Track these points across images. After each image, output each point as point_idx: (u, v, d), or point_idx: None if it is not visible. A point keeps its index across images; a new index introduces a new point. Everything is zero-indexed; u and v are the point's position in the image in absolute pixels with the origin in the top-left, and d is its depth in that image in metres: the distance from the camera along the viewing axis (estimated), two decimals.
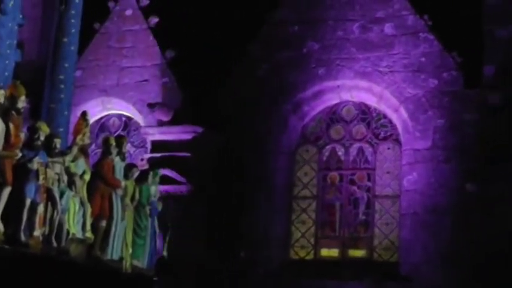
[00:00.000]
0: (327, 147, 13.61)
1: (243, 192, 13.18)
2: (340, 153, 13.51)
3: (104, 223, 9.60)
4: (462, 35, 12.26)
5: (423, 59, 12.69)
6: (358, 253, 13.07)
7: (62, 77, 10.19)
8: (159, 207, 10.90)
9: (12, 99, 8.39)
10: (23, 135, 8.48)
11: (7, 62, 9.46)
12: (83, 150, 9.57)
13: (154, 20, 14.34)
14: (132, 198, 10.20)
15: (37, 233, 8.51)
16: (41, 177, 8.51)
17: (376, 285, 12.33)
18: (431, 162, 12.37)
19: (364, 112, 13.46)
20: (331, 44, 13.32)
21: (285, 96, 13.46)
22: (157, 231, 10.86)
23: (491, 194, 11.46)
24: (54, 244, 8.78)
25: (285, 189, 13.51)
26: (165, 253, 12.47)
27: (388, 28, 13.01)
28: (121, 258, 9.84)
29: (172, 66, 13.99)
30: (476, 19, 12.17)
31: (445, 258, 11.85)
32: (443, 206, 12.11)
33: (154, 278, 10.67)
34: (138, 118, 14.18)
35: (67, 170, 9.14)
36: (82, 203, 9.30)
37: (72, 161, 9.27)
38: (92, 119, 13.17)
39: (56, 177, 8.85)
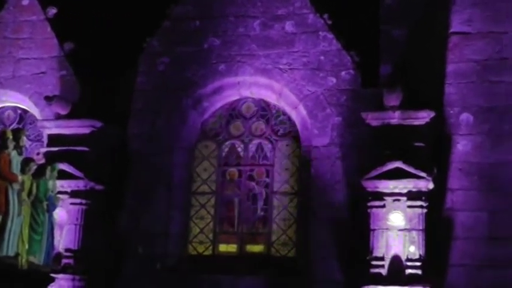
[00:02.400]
0: (227, 143, 13.67)
1: (141, 187, 13.11)
2: (239, 149, 13.60)
3: None
4: (361, 35, 12.56)
5: (322, 58, 12.90)
6: (256, 248, 13.20)
7: None
8: (57, 202, 10.72)
9: None
10: None
11: None
12: None
13: (52, 11, 14.07)
14: (29, 193, 9.98)
15: None
16: None
17: (272, 280, 12.46)
18: (328, 159, 12.58)
19: (264, 109, 13.59)
20: (232, 40, 13.37)
21: (185, 92, 13.44)
22: (55, 226, 10.69)
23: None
24: None
25: (184, 185, 13.49)
26: (61, 249, 12.32)
27: (288, 26, 13.16)
28: (17, 254, 9.61)
29: (71, 58, 13.75)
30: (374, 19, 12.48)
31: (341, 253, 12.08)
32: (340, 201, 12.34)
33: (50, 274, 10.49)
34: (35, 111, 13.89)
35: None
36: None
37: None
38: None
39: None
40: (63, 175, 12.14)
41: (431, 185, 11.43)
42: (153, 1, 13.80)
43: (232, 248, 13.31)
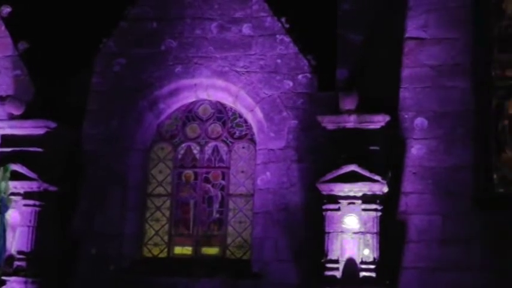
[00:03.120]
0: (183, 145, 13.64)
1: (96, 188, 13.02)
2: (195, 151, 13.57)
3: None
4: (318, 39, 12.64)
5: (279, 61, 12.94)
6: (212, 251, 13.19)
7: None
8: (10, 203, 10.59)
9: None
10: None
11: None
12: None
13: (6, 9, 13.87)
14: None
15: None
16: None
17: (227, 282, 12.47)
18: (284, 161, 12.63)
19: (220, 111, 13.59)
20: (189, 42, 13.35)
21: (142, 93, 13.37)
22: (7, 228, 10.55)
23: None
24: None
25: (139, 187, 13.42)
26: (13, 251, 12.17)
27: (246, 29, 13.18)
28: None
29: (25, 58, 13.58)
30: (331, 24, 12.56)
31: (296, 255, 12.13)
32: (295, 204, 12.39)
33: (2, 277, 10.37)
34: None
35: None
36: None
37: None
38: None
39: None
40: (16, 176, 12.01)
41: (385, 189, 11.52)
42: (109, 1, 13.70)
43: (187, 250, 13.29)
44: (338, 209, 11.54)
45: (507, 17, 12.57)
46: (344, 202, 11.53)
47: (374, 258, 11.35)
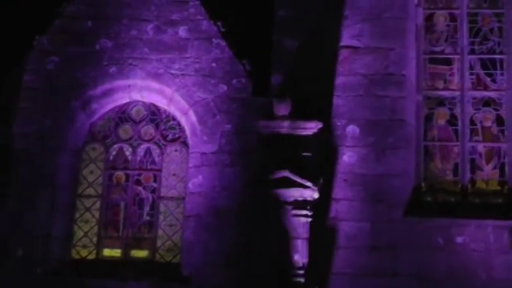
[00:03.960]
0: (115, 146, 13.53)
1: (24, 187, 12.80)
2: (127, 153, 13.48)
3: None
4: (253, 44, 12.72)
5: (214, 65, 12.97)
6: (141, 254, 13.10)
7: None
8: None
9: None
10: None
11: None
12: None
13: None
14: None
15: None
16: None
17: (156, 285, 12.42)
18: (216, 165, 12.65)
19: (154, 113, 13.54)
20: (124, 42, 13.26)
21: (75, 92, 13.21)
22: None
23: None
24: None
25: (69, 187, 13.25)
26: None
27: (182, 31, 13.17)
28: None
29: None
30: (268, 29, 12.65)
31: (226, 259, 12.15)
32: (226, 208, 12.42)
33: None
34: None
35: None
36: None
37: None
38: None
39: None
40: None
41: (316, 195, 11.63)
42: None
43: (116, 252, 13.17)
44: None
45: (438, 31, 12.89)
46: None
47: (303, 264, 11.43)
